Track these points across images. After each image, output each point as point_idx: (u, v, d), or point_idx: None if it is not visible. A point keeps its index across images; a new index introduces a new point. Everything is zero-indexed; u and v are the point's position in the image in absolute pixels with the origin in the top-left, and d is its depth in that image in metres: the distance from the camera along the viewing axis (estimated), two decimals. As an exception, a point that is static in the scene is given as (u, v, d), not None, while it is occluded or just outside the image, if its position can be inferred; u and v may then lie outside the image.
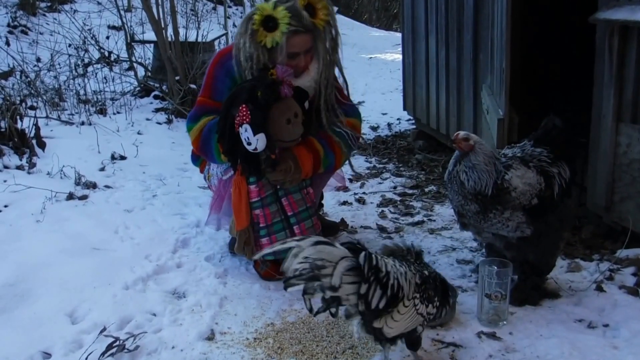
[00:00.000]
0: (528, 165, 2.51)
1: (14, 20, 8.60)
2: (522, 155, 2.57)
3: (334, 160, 2.96)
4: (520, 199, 2.45)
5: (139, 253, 3.06)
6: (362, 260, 1.93)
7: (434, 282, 2.17)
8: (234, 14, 12.63)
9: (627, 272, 2.79)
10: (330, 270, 1.89)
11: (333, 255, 1.91)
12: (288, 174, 2.74)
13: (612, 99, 2.90)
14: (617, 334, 2.34)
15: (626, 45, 2.81)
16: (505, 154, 2.62)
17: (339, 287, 1.89)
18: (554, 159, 2.56)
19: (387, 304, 1.98)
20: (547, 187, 2.49)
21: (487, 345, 2.31)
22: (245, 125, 2.53)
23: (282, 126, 2.62)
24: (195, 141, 2.87)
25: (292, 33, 2.69)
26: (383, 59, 11.28)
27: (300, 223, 2.83)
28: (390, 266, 2.01)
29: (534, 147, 2.60)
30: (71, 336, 2.34)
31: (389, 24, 17.80)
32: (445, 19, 4.57)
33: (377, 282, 1.95)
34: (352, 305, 1.97)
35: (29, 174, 3.91)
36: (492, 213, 2.46)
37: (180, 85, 5.87)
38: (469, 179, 2.44)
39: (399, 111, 6.27)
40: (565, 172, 2.55)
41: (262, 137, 2.53)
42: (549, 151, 2.57)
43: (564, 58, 4.73)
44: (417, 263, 2.18)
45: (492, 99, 3.60)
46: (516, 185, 2.44)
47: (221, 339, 2.39)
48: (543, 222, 2.50)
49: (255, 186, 2.75)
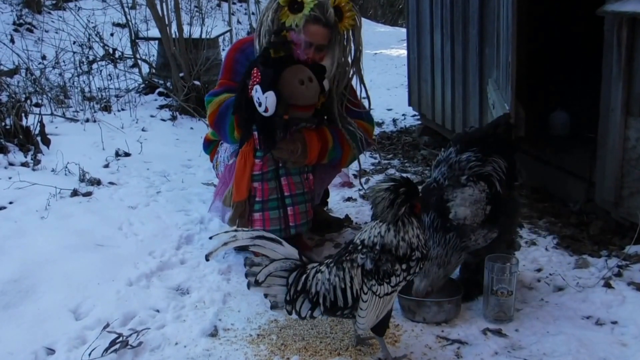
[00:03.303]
0: (461, 183, 2.38)
1: (20, 18, 8.60)
2: (452, 173, 2.42)
3: (341, 156, 2.97)
4: (476, 220, 2.38)
5: (142, 249, 3.05)
6: (291, 280, 2.07)
7: (392, 250, 2.02)
8: (238, 10, 12.61)
9: (635, 268, 2.76)
10: (262, 267, 2.06)
11: (274, 253, 2.08)
12: (294, 155, 2.76)
13: (621, 93, 2.86)
14: (625, 331, 2.31)
15: (635, 38, 2.78)
16: (435, 177, 2.48)
17: (262, 283, 2.06)
18: (483, 157, 2.42)
19: (328, 312, 2.09)
20: (490, 187, 2.40)
21: (493, 342, 2.28)
22: (256, 86, 2.51)
23: (295, 87, 2.56)
24: (212, 114, 2.87)
25: (312, 20, 2.74)
26: (388, 54, 11.25)
27: (295, 205, 2.84)
28: (320, 285, 2.05)
29: (459, 153, 2.45)
30: (75, 332, 2.34)
31: (394, 19, 17.76)
32: (451, 13, 4.54)
33: (304, 299, 2.07)
34: (280, 302, 2.11)
35: (33, 170, 3.91)
36: (464, 244, 2.42)
37: (184, 82, 5.86)
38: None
39: (404, 107, 6.24)
40: (498, 164, 2.43)
41: (270, 95, 2.48)
42: (476, 152, 2.42)
43: (571, 51, 4.69)
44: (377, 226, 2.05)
45: (498, 93, 3.56)
46: (465, 215, 2.35)
47: (224, 335, 2.38)
48: (502, 221, 2.46)
49: (260, 160, 2.76)
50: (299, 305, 2.07)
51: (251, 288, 2.10)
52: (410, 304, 2.45)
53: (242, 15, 12.49)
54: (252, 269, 2.10)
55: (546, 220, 3.37)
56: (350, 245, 2.10)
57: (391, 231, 2.00)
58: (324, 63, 2.84)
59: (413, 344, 2.29)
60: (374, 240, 2.02)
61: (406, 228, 2.01)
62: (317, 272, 2.07)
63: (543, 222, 3.37)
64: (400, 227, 2.01)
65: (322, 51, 2.83)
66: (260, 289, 2.09)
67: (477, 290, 2.55)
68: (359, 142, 3.00)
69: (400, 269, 2.02)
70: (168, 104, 5.97)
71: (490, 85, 3.82)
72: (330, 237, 3.31)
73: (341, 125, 2.95)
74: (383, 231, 2.01)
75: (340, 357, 2.22)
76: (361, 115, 3.08)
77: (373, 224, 2.05)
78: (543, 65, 4.66)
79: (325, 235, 3.32)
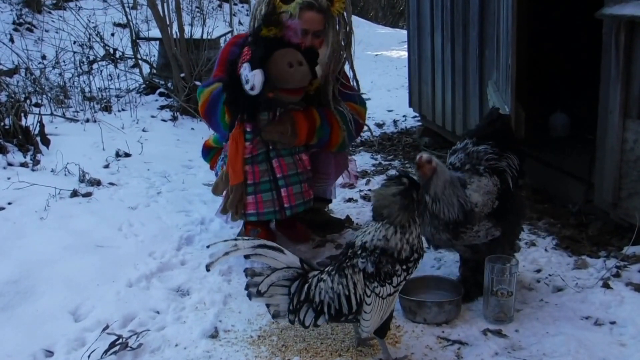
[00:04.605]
0: (479, 172, 2.45)
1: (20, 18, 8.60)
2: (469, 161, 2.49)
3: (330, 134, 2.95)
4: (484, 210, 2.42)
5: (142, 250, 3.05)
6: (293, 289, 2.05)
7: (394, 254, 2.02)
8: (239, 11, 12.61)
9: (634, 268, 2.76)
10: (264, 277, 2.04)
11: (276, 262, 2.06)
12: (285, 136, 2.77)
13: (619, 95, 2.87)
14: (624, 331, 2.32)
15: (633, 41, 2.78)
16: (452, 162, 2.54)
17: (264, 293, 2.03)
18: (500, 152, 2.49)
19: (332, 320, 2.08)
20: (502, 183, 2.46)
21: (493, 342, 2.29)
22: (245, 64, 2.52)
23: (284, 69, 2.57)
24: (204, 103, 2.88)
25: (306, 7, 2.76)
26: (389, 56, 11.25)
27: (289, 187, 2.84)
28: (323, 294, 2.03)
29: (477, 145, 2.51)
30: (74, 334, 2.34)
31: (394, 21, 17.78)
32: (451, 15, 4.55)
33: (308, 308, 2.05)
34: (283, 311, 2.09)
35: (33, 171, 3.90)
36: (464, 233, 2.43)
37: (185, 83, 5.86)
38: (441, 212, 2.37)
39: (405, 108, 6.24)
40: (513, 161, 2.50)
41: (258, 73, 2.50)
42: (492, 145, 2.49)
43: (571, 54, 4.69)
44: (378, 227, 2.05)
45: (498, 95, 3.57)
46: (477, 201, 2.40)
47: (225, 336, 2.38)
48: (507, 219, 2.48)
49: (250, 143, 2.76)
50: (303, 314, 2.06)
51: (253, 299, 2.07)
52: (411, 305, 2.45)
53: (244, 16, 12.48)
54: (254, 279, 2.07)
55: (545, 221, 3.38)
56: (350, 250, 2.09)
57: (397, 234, 2.01)
58: (322, 51, 2.85)
59: (414, 345, 2.29)
60: (376, 243, 2.02)
61: (411, 229, 2.02)
62: (320, 280, 2.06)
63: (542, 223, 3.37)
64: (407, 228, 2.02)
65: (320, 37, 2.85)
66: (262, 299, 2.07)
67: (477, 291, 2.55)
68: (349, 122, 2.98)
69: (401, 269, 2.03)
70: (169, 105, 5.97)
71: (490, 87, 3.83)
72: (331, 237, 3.31)
73: (333, 107, 2.95)
74: (389, 234, 2.01)
75: (341, 358, 2.22)
76: (354, 97, 3.08)
77: (377, 226, 2.04)
78: (543, 67, 4.66)
79: (326, 236, 3.32)
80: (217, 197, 3.04)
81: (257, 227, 3.00)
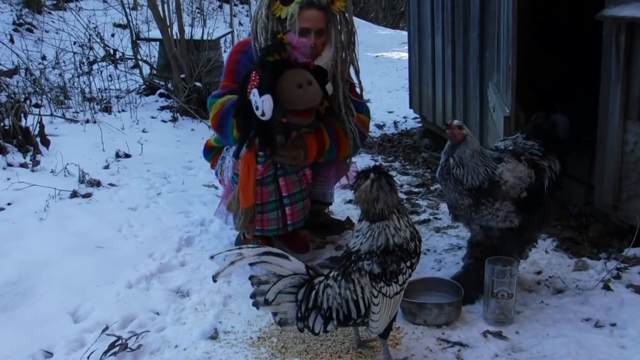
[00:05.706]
0: (519, 158, 2.52)
1: (20, 18, 8.60)
2: (514, 148, 2.58)
3: (336, 156, 2.97)
4: (510, 192, 2.46)
5: (142, 251, 3.04)
6: (300, 296, 2.03)
7: (396, 251, 2.04)
8: (240, 12, 12.62)
9: (634, 270, 2.76)
10: (270, 285, 2.03)
11: (282, 269, 2.04)
12: (297, 160, 2.77)
13: (619, 97, 2.87)
14: (625, 333, 2.31)
15: (633, 43, 2.78)
16: (497, 146, 2.63)
17: (272, 302, 2.02)
18: (545, 153, 2.57)
19: (341, 325, 2.07)
20: (537, 180, 2.51)
21: (494, 344, 2.29)
22: (254, 90, 2.50)
23: (293, 91, 2.53)
24: (215, 116, 2.86)
25: (305, 5, 2.75)
26: (389, 57, 11.26)
27: (293, 205, 2.87)
28: (332, 300, 2.02)
29: (526, 140, 2.60)
30: (73, 335, 2.33)
31: (395, 22, 17.80)
32: (452, 17, 4.55)
33: (316, 315, 2.04)
34: (291, 319, 2.06)
35: (32, 171, 3.89)
36: (484, 205, 2.47)
37: (185, 83, 5.86)
38: (465, 176, 2.43)
39: (405, 109, 6.24)
40: (555, 165, 2.56)
41: (267, 99, 2.46)
42: (541, 144, 2.58)
43: (571, 55, 4.69)
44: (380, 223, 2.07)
45: (498, 96, 3.57)
46: (507, 179, 2.46)
47: (225, 338, 2.38)
48: (529, 215, 2.50)
49: (262, 166, 2.75)
50: (312, 321, 2.04)
51: (260, 308, 2.05)
52: (411, 307, 2.45)
53: (244, 17, 12.50)
54: (260, 287, 2.05)
55: (546, 223, 3.38)
56: (353, 255, 2.07)
57: (401, 231, 2.04)
58: (326, 51, 2.84)
59: (414, 347, 2.29)
60: (377, 244, 2.03)
61: (400, 224, 2.06)
62: (326, 287, 2.04)
63: (543, 224, 3.37)
64: (398, 221, 2.05)
65: (322, 36, 2.83)
66: (269, 307, 2.05)
67: (477, 293, 2.55)
68: (357, 139, 2.98)
69: (405, 266, 2.04)
70: (169, 105, 5.96)
71: (490, 88, 3.82)
72: (331, 239, 3.31)
73: (344, 113, 2.92)
74: (386, 231, 2.03)
75: (340, 359, 2.22)
76: (360, 106, 3.07)
77: (372, 226, 2.05)
78: (543, 68, 4.66)
79: (326, 237, 3.32)
80: (217, 198, 3.03)
81: (257, 238, 2.96)
